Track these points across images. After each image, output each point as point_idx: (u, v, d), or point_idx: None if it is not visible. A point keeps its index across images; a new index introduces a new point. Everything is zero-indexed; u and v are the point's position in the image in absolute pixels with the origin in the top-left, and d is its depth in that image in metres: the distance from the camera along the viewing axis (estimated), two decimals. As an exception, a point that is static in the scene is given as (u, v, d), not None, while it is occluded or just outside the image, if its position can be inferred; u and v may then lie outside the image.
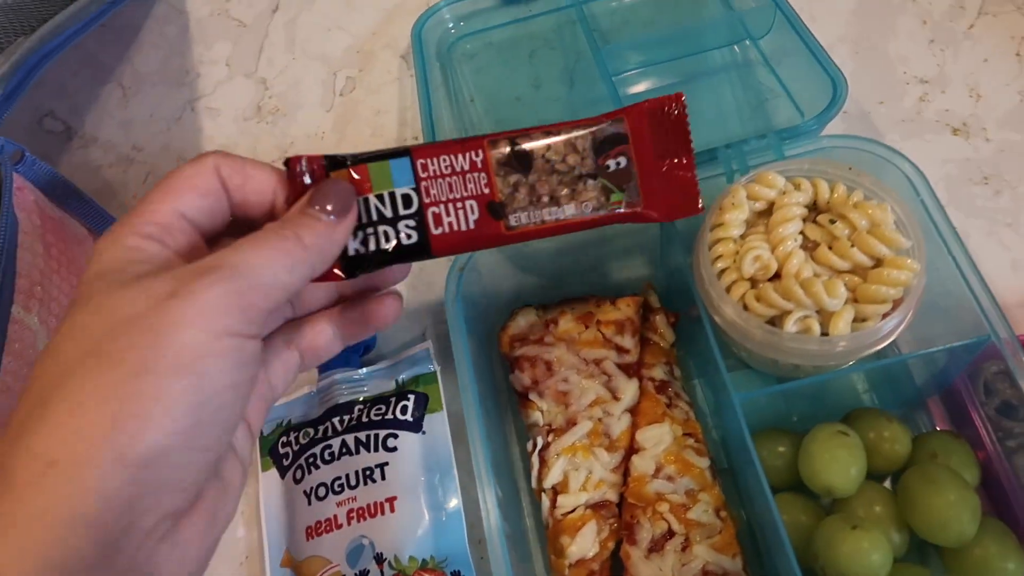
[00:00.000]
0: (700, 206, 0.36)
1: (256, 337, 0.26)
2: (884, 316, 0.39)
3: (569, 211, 0.34)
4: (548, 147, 0.34)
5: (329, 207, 0.29)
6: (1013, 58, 0.56)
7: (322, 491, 0.47)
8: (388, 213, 0.32)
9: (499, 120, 0.61)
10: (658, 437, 0.44)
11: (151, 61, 0.71)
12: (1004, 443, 0.42)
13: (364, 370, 0.50)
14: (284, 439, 0.49)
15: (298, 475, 0.48)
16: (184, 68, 0.70)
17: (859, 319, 0.40)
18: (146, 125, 0.67)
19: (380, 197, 0.32)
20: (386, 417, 0.48)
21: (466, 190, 0.33)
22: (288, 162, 0.30)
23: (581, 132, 0.34)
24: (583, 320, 0.48)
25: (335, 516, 0.46)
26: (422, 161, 0.32)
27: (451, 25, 0.64)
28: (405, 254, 0.32)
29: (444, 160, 0.33)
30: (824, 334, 0.39)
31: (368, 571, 0.44)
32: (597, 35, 0.60)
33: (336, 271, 0.31)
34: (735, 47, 0.59)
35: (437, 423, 0.48)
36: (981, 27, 0.58)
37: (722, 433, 0.47)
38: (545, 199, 0.34)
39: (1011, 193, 0.51)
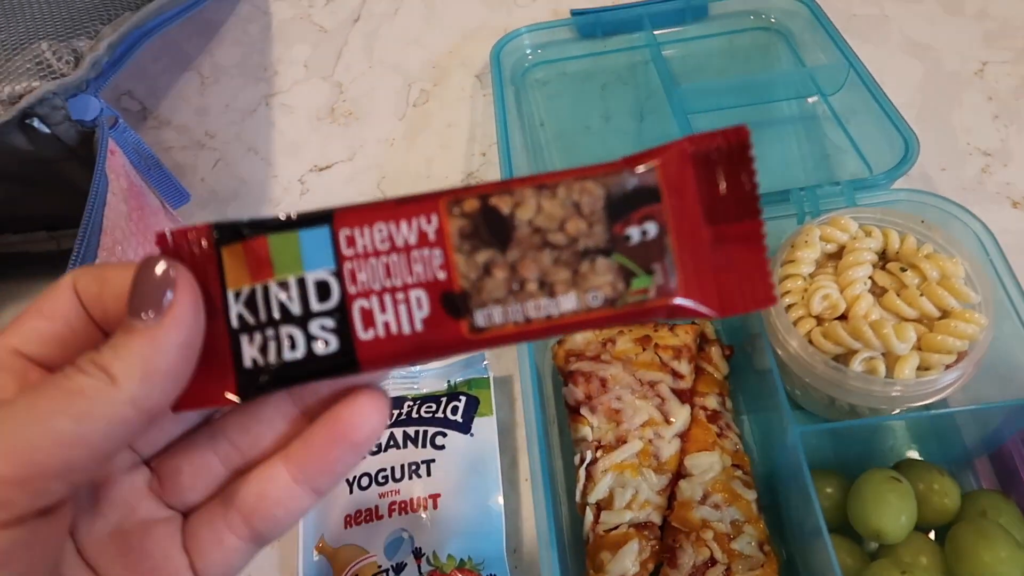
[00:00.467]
0: (774, 294, 0.24)
1: (16, 523, 0.19)
2: (947, 367, 0.40)
3: (568, 304, 0.23)
4: (538, 209, 0.23)
5: (146, 307, 0.21)
6: (1076, 141, 0.58)
7: (365, 481, 0.47)
8: (296, 309, 0.22)
9: (567, 147, 0.63)
10: (707, 464, 0.45)
11: (231, 55, 0.73)
12: (1052, 510, 0.42)
13: (418, 367, 0.51)
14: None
15: (342, 464, 0.48)
16: (263, 65, 0.72)
17: (922, 367, 0.40)
18: (221, 114, 0.69)
19: (284, 284, 0.22)
20: (436, 415, 0.48)
21: (411, 275, 0.23)
22: (159, 238, 0.22)
23: (589, 185, 0.23)
24: (641, 342, 0.49)
25: (376, 507, 0.46)
26: (347, 232, 0.23)
27: (528, 51, 0.67)
28: (319, 369, 0.22)
29: (380, 230, 0.23)
30: (887, 377, 0.40)
31: (405, 564, 0.44)
32: (670, 76, 0.62)
33: (227, 393, 0.22)
34: (806, 101, 0.61)
35: (486, 427, 0.48)
36: (1046, 108, 0.60)
37: (769, 468, 0.47)
38: (531, 286, 0.23)
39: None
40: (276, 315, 0.22)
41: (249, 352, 0.22)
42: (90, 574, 0.24)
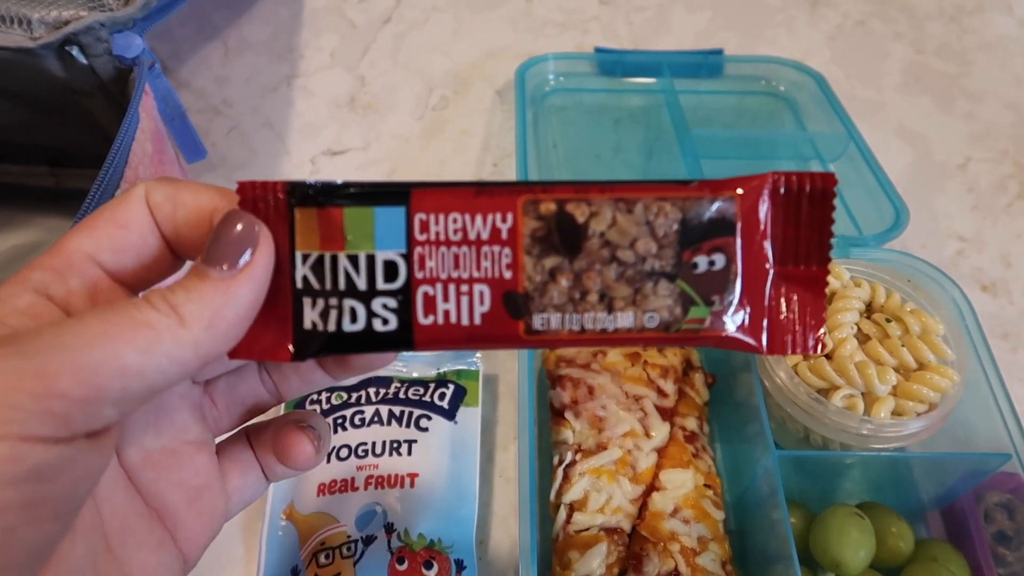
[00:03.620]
0: (825, 342, 0.24)
1: (67, 440, 0.19)
2: (918, 415, 0.43)
3: (624, 322, 0.23)
4: (612, 222, 0.23)
5: (224, 260, 0.21)
6: (1044, 240, 0.62)
7: (344, 452, 0.47)
8: (361, 284, 0.23)
9: (576, 170, 0.65)
10: (681, 481, 0.46)
11: (260, 33, 0.74)
12: (997, 569, 0.45)
13: (408, 353, 0.51)
14: (314, 396, 0.50)
15: (322, 433, 0.48)
16: (289, 47, 0.73)
17: (896, 413, 0.43)
18: (241, 86, 0.70)
19: (354, 259, 0.23)
20: (423, 399, 0.49)
21: (479, 269, 0.23)
22: (241, 187, 0.23)
23: (667, 207, 0.23)
24: (631, 358, 0.50)
25: (352, 479, 0.46)
26: (422, 216, 0.23)
27: (551, 77, 0.69)
28: (375, 343, 0.23)
29: (455, 220, 0.23)
30: (864, 415, 0.42)
31: (375, 537, 0.44)
32: (681, 121, 0.65)
33: (286, 346, 0.23)
34: (804, 164, 0.65)
35: (470, 417, 0.49)
36: (1019, 207, 0.64)
37: (736, 497, 0.49)
38: (592, 298, 0.23)
39: (1027, 353, 0.56)
40: (341, 286, 0.23)
41: (310, 315, 0.23)
42: (129, 485, 0.24)
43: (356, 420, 0.49)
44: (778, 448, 0.43)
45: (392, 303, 0.23)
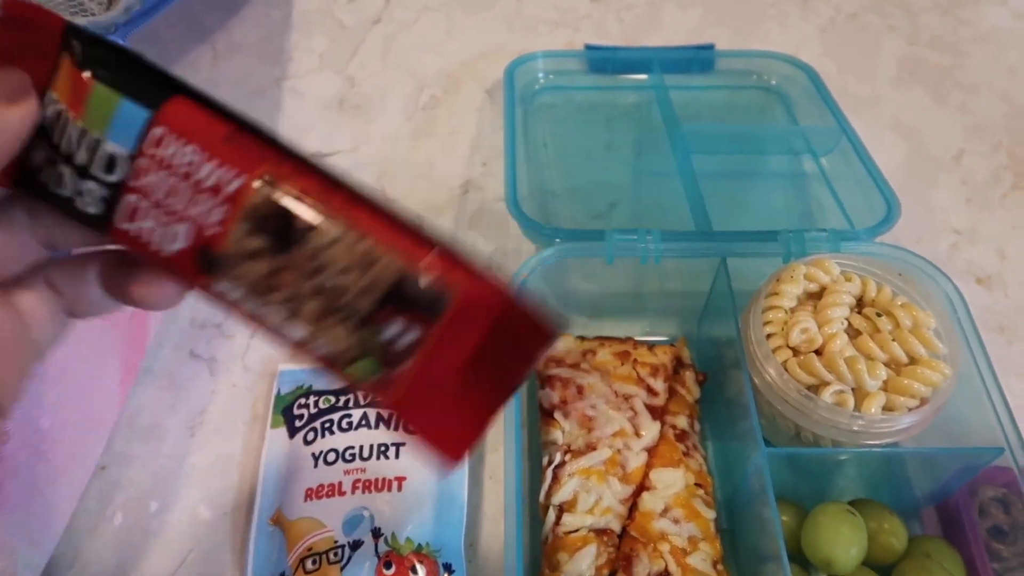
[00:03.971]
0: (461, 461, 0.24)
1: None
2: (909, 410, 0.42)
3: (296, 333, 0.22)
4: (333, 243, 0.21)
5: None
6: (1039, 231, 0.62)
7: (332, 456, 0.47)
8: (80, 159, 0.22)
9: (567, 168, 0.65)
10: (671, 480, 0.46)
11: (249, 35, 0.74)
12: (992, 564, 0.44)
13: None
14: (303, 400, 0.50)
15: (310, 437, 0.48)
16: (279, 49, 0.73)
17: (887, 408, 0.42)
18: (229, 88, 0.70)
19: (82, 134, 0.22)
20: (411, 401, 0.48)
21: (188, 209, 0.22)
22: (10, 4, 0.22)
23: (394, 259, 0.21)
24: (620, 357, 0.50)
25: (340, 483, 0.46)
26: (161, 131, 0.21)
27: (541, 75, 0.69)
28: (75, 216, 0.23)
29: (191, 153, 0.21)
30: (854, 411, 0.42)
31: (362, 542, 0.44)
32: (672, 118, 0.65)
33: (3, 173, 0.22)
34: (795, 158, 0.64)
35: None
36: (1013, 199, 0.64)
37: (728, 495, 0.48)
38: (279, 296, 0.22)
39: (1022, 346, 0.55)
40: (63, 148, 0.22)
41: (36, 156, 0.22)
42: None
43: (343, 424, 0.48)
44: (768, 445, 0.42)
45: (100, 192, 0.22)
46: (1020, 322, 0.57)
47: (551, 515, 0.45)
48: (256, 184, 0.21)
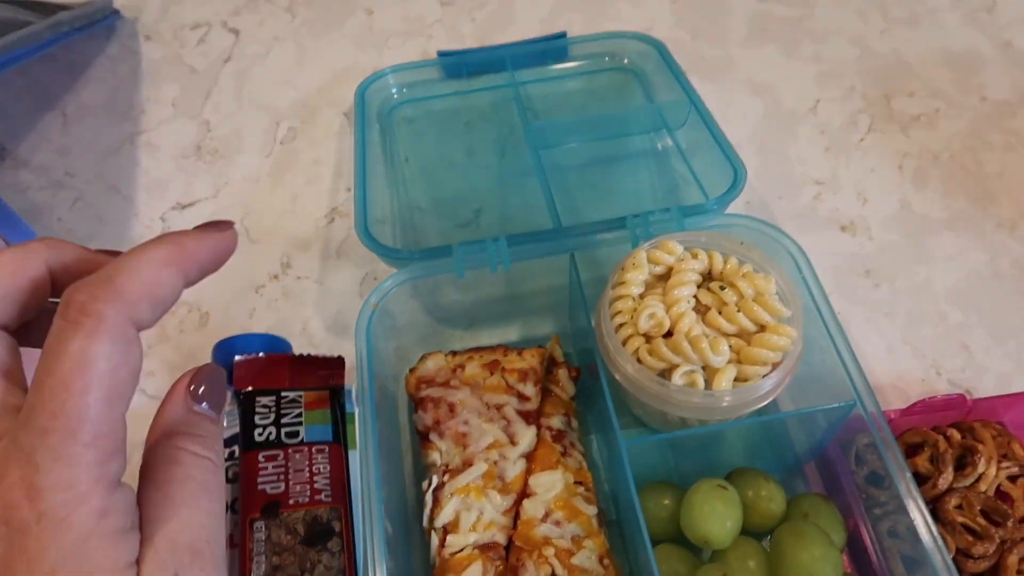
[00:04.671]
0: None
1: None
2: (764, 377, 0.43)
3: None
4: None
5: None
6: (896, 170, 0.63)
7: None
8: None
9: (430, 181, 0.64)
10: (550, 483, 0.46)
11: (98, 95, 0.72)
12: (871, 511, 0.45)
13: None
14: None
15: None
16: (129, 104, 0.71)
17: (741, 379, 0.43)
18: (83, 153, 0.68)
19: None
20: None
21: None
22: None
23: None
24: (489, 367, 0.50)
25: (232, 536, 0.45)
26: None
27: (394, 90, 0.68)
28: None
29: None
30: (706, 390, 0.42)
31: None
32: (531, 113, 0.65)
33: None
34: (654, 135, 0.64)
35: (351, 462, 0.48)
36: (870, 141, 0.65)
37: (612, 485, 0.48)
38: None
39: (889, 287, 0.56)
40: None
41: None
42: None
43: (229, 475, 0.48)
44: (648, 430, 0.43)
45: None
46: (885, 263, 0.58)
47: (435, 539, 0.45)
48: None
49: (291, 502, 0.44)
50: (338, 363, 0.51)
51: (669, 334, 0.44)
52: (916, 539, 0.42)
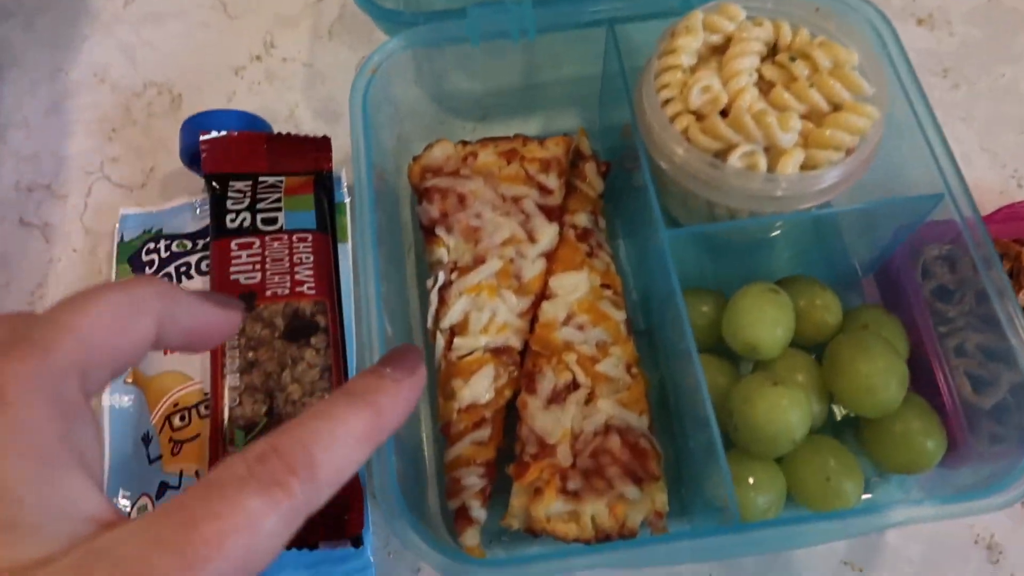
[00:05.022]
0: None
1: None
2: (835, 165, 0.36)
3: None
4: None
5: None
6: (986, -45, 0.54)
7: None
8: None
9: None
10: (574, 284, 0.40)
11: None
12: (936, 328, 0.39)
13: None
14: (151, 246, 0.43)
15: (163, 288, 0.42)
16: None
17: (808, 166, 0.36)
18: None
19: None
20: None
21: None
22: None
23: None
24: (506, 156, 0.43)
25: (200, 335, 0.40)
26: None
27: None
28: None
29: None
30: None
31: (232, 395, 0.38)
32: None
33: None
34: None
35: (340, 255, 0.42)
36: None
37: (643, 292, 0.43)
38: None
39: (968, 88, 0.49)
40: None
41: None
42: None
43: (203, 267, 0.42)
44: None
45: None
46: (966, 62, 0.50)
47: (440, 340, 0.39)
48: None
49: (268, 293, 0.38)
50: (324, 144, 0.44)
51: (724, 114, 0.37)
52: (988, 356, 0.37)
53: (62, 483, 0.16)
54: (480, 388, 0.38)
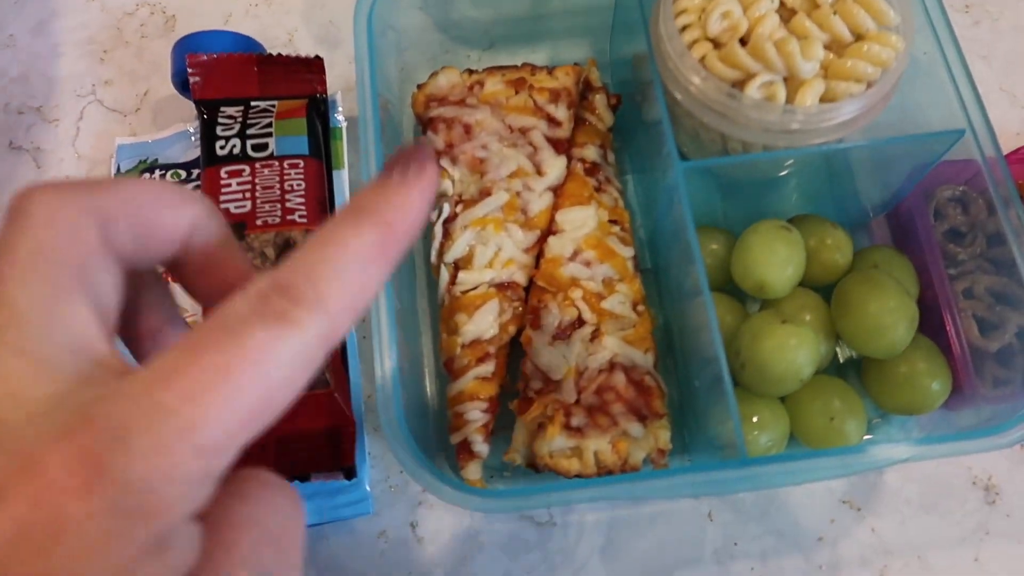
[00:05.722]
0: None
1: None
2: (856, 97, 0.35)
3: None
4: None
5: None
6: None
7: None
8: None
9: None
10: (581, 220, 0.39)
11: None
12: (947, 270, 0.39)
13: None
14: (147, 176, 0.42)
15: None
16: None
17: (828, 98, 0.35)
18: None
19: None
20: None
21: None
22: None
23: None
24: (514, 85, 0.41)
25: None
26: None
27: None
28: None
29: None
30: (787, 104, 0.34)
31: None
32: None
33: None
34: None
35: (336, 182, 0.41)
36: None
37: (650, 230, 0.42)
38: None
39: (990, 24, 0.47)
40: None
41: None
42: None
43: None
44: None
45: None
46: (989, -2, 0.48)
47: (444, 274, 0.39)
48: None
49: (259, 222, 0.37)
50: (317, 65, 0.42)
51: (743, 42, 0.35)
52: (997, 300, 0.37)
53: (73, 317, 0.15)
54: (484, 323, 0.37)
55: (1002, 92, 0.46)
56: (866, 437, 0.38)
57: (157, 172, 0.42)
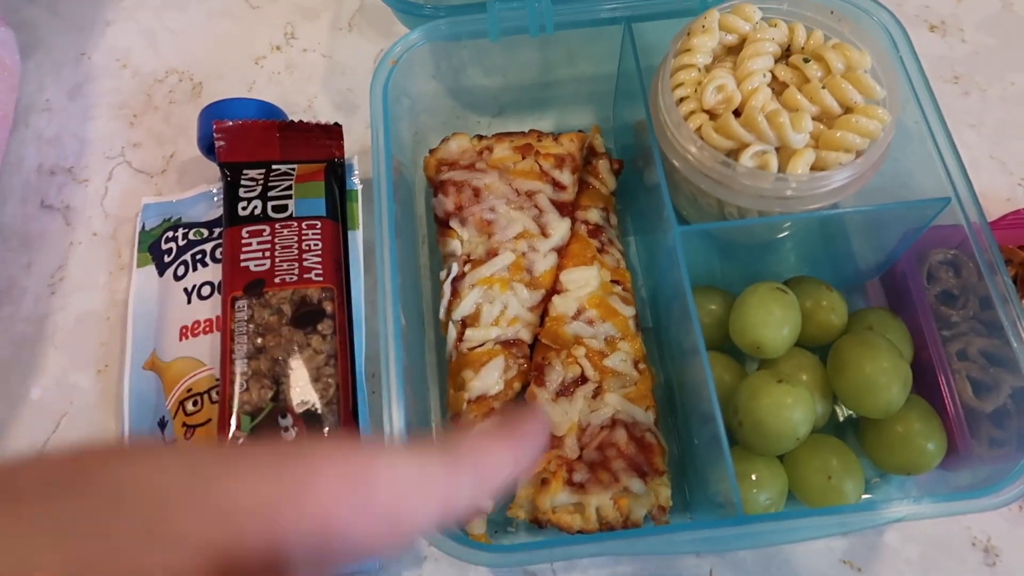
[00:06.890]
0: None
1: None
2: (845, 165, 0.36)
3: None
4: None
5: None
6: (1001, -36, 0.54)
7: (207, 290, 0.41)
8: None
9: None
10: (584, 279, 0.41)
11: None
12: (940, 331, 0.40)
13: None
14: (170, 234, 0.44)
15: (180, 271, 0.42)
16: None
17: (819, 167, 0.36)
18: None
19: None
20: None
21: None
22: None
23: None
24: (521, 151, 0.44)
25: (217, 318, 0.40)
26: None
27: None
28: None
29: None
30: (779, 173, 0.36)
31: (245, 380, 0.39)
32: None
33: None
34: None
35: (351, 242, 0.43)
36: (973, -69, 0.55)
37: (651, 290, 0.43)
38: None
39: (979, 95, 0.49)
40: None
41: None
42: None
43: (217, 254, 0.43)
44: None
45: None
46: (977, 68, 0.50)
47: (452, 332, 0.40)
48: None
49: (277, 280, 0.39)
50: (336, 132, 0.44)
51: (737, 113, 0.37)
52: (990, 361, 0.38)
53: None
54: (490, 380, 0.38)
55: (992, 160, 0.47)
56: (865, 496, 0.38)
57: (180, 230, 0.44)
